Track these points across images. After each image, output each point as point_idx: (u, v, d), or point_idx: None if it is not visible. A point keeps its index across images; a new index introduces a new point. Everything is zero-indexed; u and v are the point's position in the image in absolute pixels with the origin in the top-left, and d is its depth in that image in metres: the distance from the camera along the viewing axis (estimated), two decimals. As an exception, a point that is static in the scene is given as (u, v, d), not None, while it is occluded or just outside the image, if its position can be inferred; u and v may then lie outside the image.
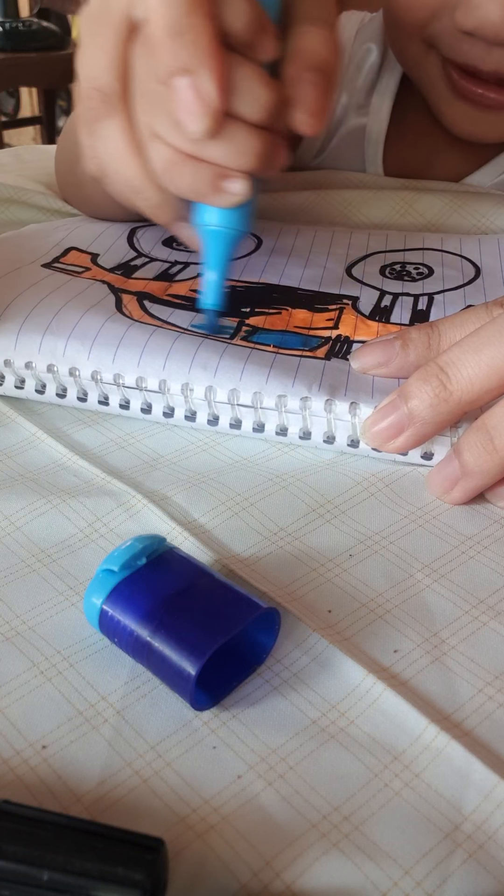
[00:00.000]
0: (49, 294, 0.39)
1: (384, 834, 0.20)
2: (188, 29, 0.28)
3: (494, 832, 0.20)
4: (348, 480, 0.32)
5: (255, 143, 0.31)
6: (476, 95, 0.47)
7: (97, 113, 0.33)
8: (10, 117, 2.96)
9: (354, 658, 0.24)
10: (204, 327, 0.37)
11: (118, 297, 0.40)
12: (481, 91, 0.47)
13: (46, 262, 0.43)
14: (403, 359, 0.33)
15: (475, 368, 0.29)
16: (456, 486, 0.31)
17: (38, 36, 2.40)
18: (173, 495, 0.31)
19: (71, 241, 0.47)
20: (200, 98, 0.29)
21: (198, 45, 0.28)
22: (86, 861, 0.18)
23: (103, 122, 0.34)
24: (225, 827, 0.20)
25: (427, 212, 0.52)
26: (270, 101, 0.30)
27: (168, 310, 0.39)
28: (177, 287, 0.41)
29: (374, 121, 0.58)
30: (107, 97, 0.33)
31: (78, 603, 0.27)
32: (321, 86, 0.32)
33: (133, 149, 0.34)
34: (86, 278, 0.42)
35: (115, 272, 0.43)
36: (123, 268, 0.44)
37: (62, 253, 0.45)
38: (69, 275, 0.42)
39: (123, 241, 0.47)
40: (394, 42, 0.53)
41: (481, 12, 0.42)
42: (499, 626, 0.26)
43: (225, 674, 0.24)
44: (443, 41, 0.46)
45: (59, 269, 0.43)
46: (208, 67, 0.29)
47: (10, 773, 0.21)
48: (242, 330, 0.38)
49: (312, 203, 0.53)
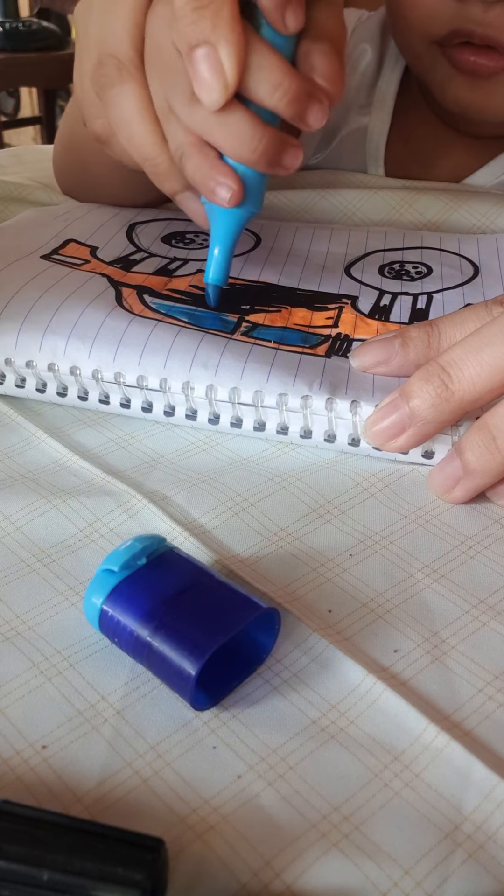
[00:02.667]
0: (49, 288, 0.39)
1: (384, 834, 0.20)
2: (210, 1, 0.29)
3: (494, 832, 0.20)
4: (348, 480, 0.32)
5: (260, 135, 0.31)
6: (469, 64, 0.48)
7: (111, 79, 0.34)
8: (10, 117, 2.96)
9: (354, 658, 0.24)
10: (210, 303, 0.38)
11: (118, 291, 0.40)
12: (474, 59, 0.48)
13: (45, 254, 0.43)
14: (403, 357, 0.33)
15: (477, 368, 0.29)
16: (457, 485, 0.31)
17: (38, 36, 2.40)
18: (173, 495, 0.31)
19: (69, 232, 0.46)
20: (218, 69, 0.30)
21: (220, 17, 0.29)
22: (86, 861, 0.18)
23: (117, 87, 0.34)
24: (225, 827, 0.20)
25: (427, 211, 0.52)
26: (286, 86, 0.31)
27: (168, 304, 0.39)
28: (176, 282, 0.41)
29: (375, 120, 0.58)
30: (122, 64, 0.33)
31: (78, 603, 0.26)
32: (333, 56, 0.32)
33: (147, 115, 0.34)
34: (85, 271, 0.42)
35: (115, 265, 0.43)
36: (122, 261, 0.44)
37: (61, 244, 0.45)
38: (69, 267, 0.42)
39: (122, 235, 0.47)
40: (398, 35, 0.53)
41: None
42: (499, 626, 0.26)
43: (225, 674, 0.24)
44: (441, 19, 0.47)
45: (59, 261, 0.42)
46: (228, 40, 0.29)
47: (10, 773, 0.21)
48: (242, 325, 0.38)
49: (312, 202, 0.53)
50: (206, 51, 0.29)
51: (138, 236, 0.47)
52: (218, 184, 0.33)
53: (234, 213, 0.35)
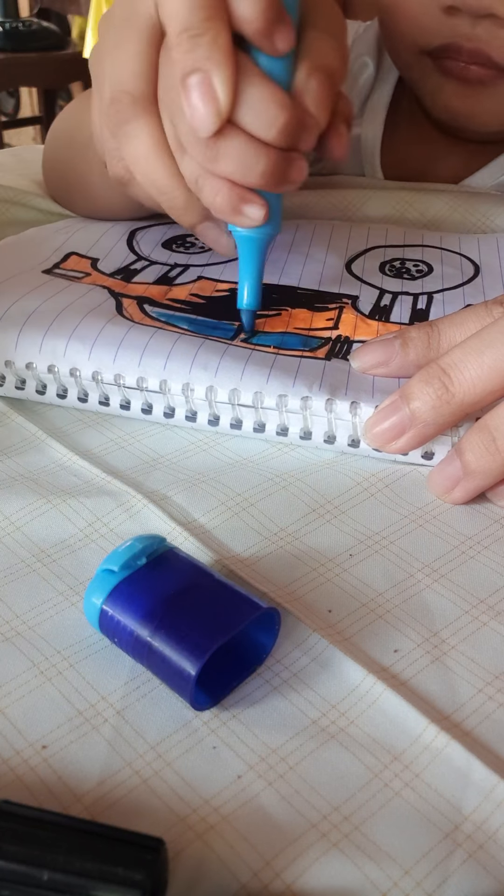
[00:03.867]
0: (49, 298, 0.39)
1: (384, 834, 0.20)
2: (205, 31, 0.29)
3: (494, 832, 0.20)
4: (348, 480, 0.32)
5: (263, 159, 0.31)
6: (459, 69, 0.48)
7: (126, 115, 0.34)
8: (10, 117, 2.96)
9: (354, 658, 0.24)
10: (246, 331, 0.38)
11: (118, 302, 0.40)
12: (463, 64, 0.48)
13: (47, 269, 0.43)
14: (403, 358, 0.33)
15: (478, 370, 0.29)
16: (457, 485, 0.31)
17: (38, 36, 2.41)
18: (173, 495, 0.31)
19: (71, 245, 0.47)
20: (210, 96, 0.30)
21: (213, 46, 0.29)
22: (86, 861, 0.18)
23: (132, 124, 0.34)
24: (225, 827, 0.20)
25: (427, 210, 0.52)
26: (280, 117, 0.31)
27: (168, 313, 0.39)
28: (176, 291, 0.41)
29: (368, 129, 0.58)
30: (136, 100, 0.33)
31: (78, 603, 0.27)
32: (329, 86, 0.32)
33: (161, 149, 0.34)
34: (86, 283, 0.42)
35: (115, 276, 0.43)
36: (123, 272, 0.44)
37: (62, 258, 0.45)
38: (69, 280, 0.42)
39: (123, 244, 0.47)
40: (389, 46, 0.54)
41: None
42: (499, 625, 0.26)
43: (225, 674, 0.24)
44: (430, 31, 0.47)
45: (60, 275, 0.42)
46: (221, 68, 0.29)
47: (10, 773, 0.21)
48: (242, 332, 0.38)
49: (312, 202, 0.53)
50: (200, 78, 0.30)
51: (139, 243, 0.47)
52: (245, 202, 0.33)
53: (257, 238, 0.35)
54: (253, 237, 0.35)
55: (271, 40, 0.30)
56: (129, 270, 0.44)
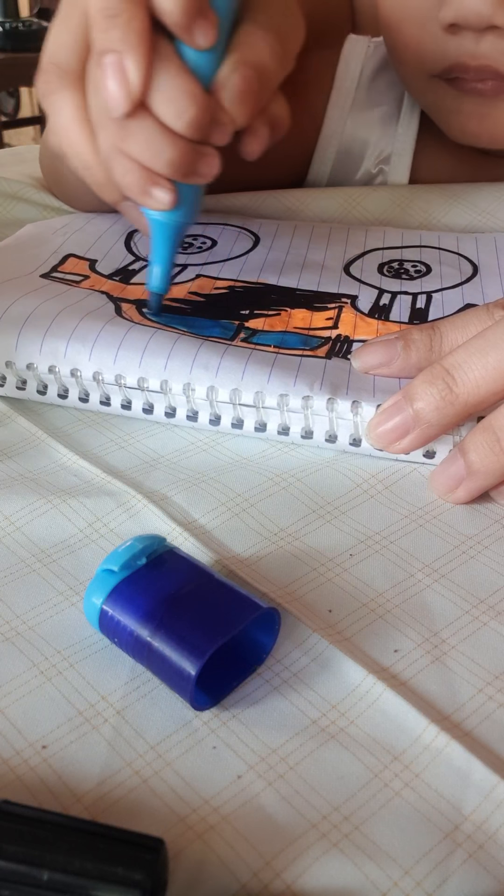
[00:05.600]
0: (47, 300, 0.39)
1: (384, 834, 0.20)
2: (120, 12, 0.29)
3: (494, 832, 0.20)
4: (348, 481, 0.32)
5: (170, 148, 0.32)
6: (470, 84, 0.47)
7: (52, 86, 0.34)
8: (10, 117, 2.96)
9: (354, 658, 0.24)
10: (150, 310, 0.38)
11: (117, 305, 0.40)
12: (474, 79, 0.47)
13: (45, 272, 0.43)
14: (405, 359, 0.33)
15: (481, 371, 0.29)
16: (460, 485, 0.31)
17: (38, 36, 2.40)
18: (173, 495, 0.31)
19: (69, 247, 0.46)
20: (122, 78, 0.30)
21: (128, 28, 0.29)
22: (86, 861, 0.18)
23: (56, 94, 0.34)
24: (225, 827, 0.20)
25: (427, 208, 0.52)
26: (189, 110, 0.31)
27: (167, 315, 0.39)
28: (175, 290, 0.41)
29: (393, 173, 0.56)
30: (64, 73, 0.34)
31: (78, 603, 0.27)
32: (253, 83, 0.32)
33: (83, 124, 0.34)
34: (84, 288, 0.42)
35: (114, 278, 0.43)
36: (121, 273, 0.43)
37: (60, 261, 0.45)
38: (67, 284, 0.42)
39: (121, 244, 0.47)
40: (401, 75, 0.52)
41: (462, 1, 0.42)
42: (499, 626, 0.26)
43: (225, 674, 0.24)
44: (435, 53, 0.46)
45: (58, 279, 0.42)
46: (134, 51, 0.30)
47: (10, 773, 0.21)
48: (242, 332, 0.38)
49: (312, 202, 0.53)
50: (114, 59, 0.30)
51: (136, 244, 0.47)
52: (153, 185, 0.33)
53: (168, 224, 0.36)
54: (163, 222, 0.35)
55: (191, 33, 0.30)
56: (127, 271, 0.44)
